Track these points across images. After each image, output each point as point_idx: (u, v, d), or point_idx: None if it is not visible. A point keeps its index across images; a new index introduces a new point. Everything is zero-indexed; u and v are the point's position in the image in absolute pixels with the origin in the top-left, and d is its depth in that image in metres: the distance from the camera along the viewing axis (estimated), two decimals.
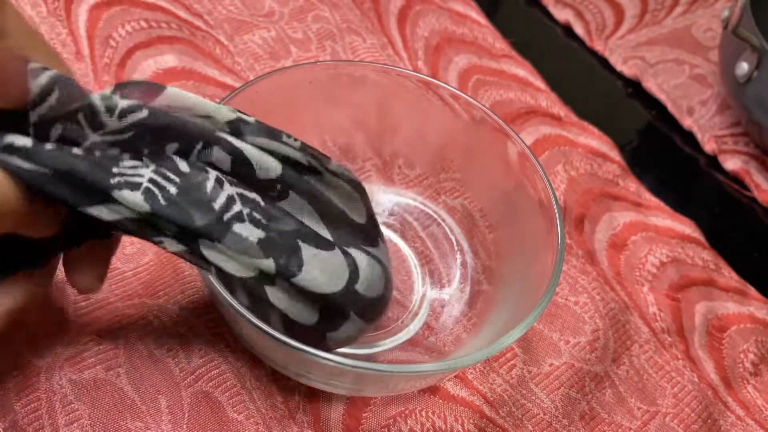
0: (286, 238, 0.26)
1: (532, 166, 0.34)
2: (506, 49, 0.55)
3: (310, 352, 0.26)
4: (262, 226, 0.25)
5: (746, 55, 0.47)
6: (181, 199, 0.24)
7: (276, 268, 0.25)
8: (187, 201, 0.24)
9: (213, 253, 0.25)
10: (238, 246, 0.25)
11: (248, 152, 0.26)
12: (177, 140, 0.25)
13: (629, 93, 0.56)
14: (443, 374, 0.32)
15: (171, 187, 0.24)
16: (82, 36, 0.46)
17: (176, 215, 0.24)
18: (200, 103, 0.25)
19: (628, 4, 0.62)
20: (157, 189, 0.24)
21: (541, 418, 0.35)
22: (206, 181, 0.25)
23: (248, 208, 0.25)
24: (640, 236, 0.44)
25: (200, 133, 0.25)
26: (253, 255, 0.25)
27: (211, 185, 0.25)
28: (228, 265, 0.25)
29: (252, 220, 0.25)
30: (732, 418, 0.37)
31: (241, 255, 0.25)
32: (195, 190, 0.24)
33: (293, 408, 0.33)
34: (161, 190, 0.24)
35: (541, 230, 0.33)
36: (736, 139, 0.52)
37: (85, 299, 0.34)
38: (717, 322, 0.41)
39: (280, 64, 0.48)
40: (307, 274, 0.26)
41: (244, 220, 0.25)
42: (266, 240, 0.25)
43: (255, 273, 0.26)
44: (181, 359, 0.33)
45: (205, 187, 0.25)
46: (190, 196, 0.24)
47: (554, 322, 0.38)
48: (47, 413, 0.30)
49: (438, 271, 0.39)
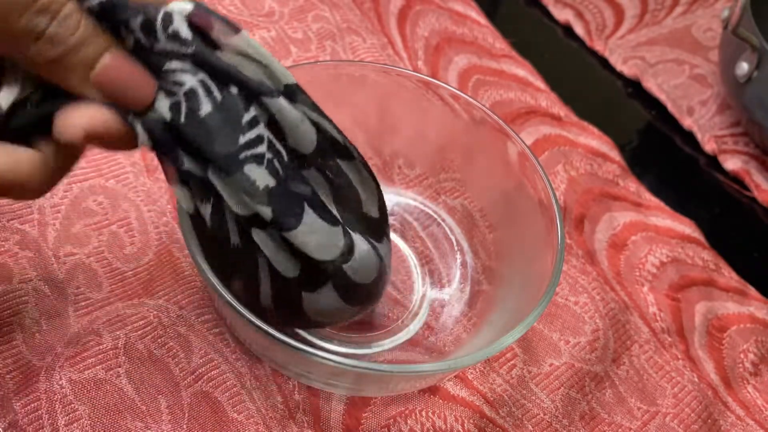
0: (293, 198, 0.26)
1: (532, 166, 0.34)
2: (506, 49, 0.55)
3: (310, 352, 0.26)
4: (276, 177, 0.26)
5: (746, 55, 0.47)
6: (210, 120, 0.24)
7: (272, 218, 0.26)
8: (215, 123, 0.24)
9: (220, 182, 0.25)
10: (247, 186, 0.25)
11: (293, 115, 0.26)
12: (233, 82, 0.25)
13: (629, 93, 0.56)
14: (443, 374, 0.32)
15: (206, 104, 0.24)
16: None
17: (194, 134, 0.24)
18: (268, 58, 0.25)
19: (628, 4, 0.62)
20: (187, 102, 0.24)
21: (541, 418, 0.35)
22: (243, 114, 0.25)
23: (271, 154, 0.26)
24: (640, 236, 0.44)
25: (257, 84, 0.25)
26: (257, 200, 0.25)
27: (246, 119, 0.25)
28: (230, 197, 0.25)
29: (270, 167, 0.25)
30: (732, 418, 0.37)
31: (245, 194, 0.25)
32: (228, 116, 0.24)
33: (293, 408, 0.33)
34: (193, 102, 0.24)
35: (541, 230, 0.33)
36: (736, 139, 0.52)
37: (85, 299, 0.34)
38: (717, 322, 0.41)
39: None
40: (301, 234, 0.26)
41: (262, 164, 0.25)
42: (275, 190, 0.25)
43: (250, 214, 0.26)
44: (181, 359, 0.33)
45: (240, 118, 0.25)
46: (221, 119, 0.24)
47: (554, 322, 0.38)
48: (47, 413, 0.30)
49: (438, 271, 0.39)
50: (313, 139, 0.27)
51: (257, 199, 0.25)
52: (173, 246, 0.37)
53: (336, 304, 0.29)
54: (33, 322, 0.33)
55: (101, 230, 0.37)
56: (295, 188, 0.26)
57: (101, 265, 0.35)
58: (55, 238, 0.36)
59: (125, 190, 0.39)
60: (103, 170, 0.39)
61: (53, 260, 0.35)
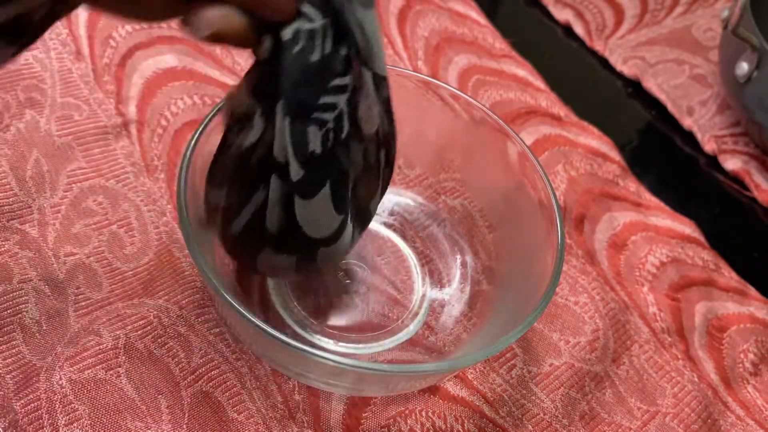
0: (324, 173, 0.27)
1: (532, 166, 0.34)
2: (506, 49, 0.55)
3: (310, 352, 0.26)
4: (323, 147, 0.26)
5: (746, 55, 0.47)
6: (310, 68, 0.25)
7: (298, 180, 0.26)
8: (311, 73, 0.25)
9: (281, 120, 0.25)
10: (297, 140, 0.25)
11: (372, 97, 0.27)
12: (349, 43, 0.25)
13: (629, 93, 0.56)
14: (443, 374, 0.32)
15: (317, 52, 0.25)
16: (82, 36, 0.46)
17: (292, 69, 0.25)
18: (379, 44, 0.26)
19: (628, 4, 0.62)
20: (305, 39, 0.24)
21: (541, 418, 0.35)
22: (336, 78, 0.25)
23: (333, 125, 0.26)
24: (640, 236, 0.44)
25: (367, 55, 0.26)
26: (298, 158, 0.26)
27: (335, 84, 0.26)
28: (278, 137, 0.26)
29: (325, 136, 0.26)
30: (732, 418, 0.37)
31: (291, 146, 0.26)
32: (324, 73, 0.25)
33: (293, 408, 0.33)
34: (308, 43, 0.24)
35: (541, 230, 0.33)
36: (736, 139, 0.52)
37: (86, 299, 0.34)
38: (717, 322, 0.41)
39: None
40: (307, 206, 0.27)
41: (321, 130, 0.26)
42: (316, 158, 0.26)
43: (282, 162, 0.26)
44: (181, 359, 0.33)
45: (331, 80, 0.25)
46: (317, 72, 0.25)
47: (554, 322, 0.38)
48: (47, 413, 0.30)
49: (438, 271, 0.39)
50: (376, 125, 0.28)
51: (298, 157, 0.26)
52: (173, 246, 0.37)
53: (286, 265, 0.30)
54: (33, 321, 0.33)
55: (101, 230, 0.37)
56: (330, 165, 0.27)
57: (101, 265, 0.35)
58: (56, 238, 0.36)
59: (125, 190, 0.39)
60: (103, 170, 0.39)
61: (53, 260, 0.35)
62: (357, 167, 0.29)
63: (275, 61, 0.25)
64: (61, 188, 0.38)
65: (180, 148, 0.41)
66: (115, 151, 0.40)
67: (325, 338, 0.35)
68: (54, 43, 0.45)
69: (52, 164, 0.39)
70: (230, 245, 0.30)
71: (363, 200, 0.31)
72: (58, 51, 0.44)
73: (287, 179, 0.26)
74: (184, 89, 0.44)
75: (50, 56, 0.44)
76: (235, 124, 0.27)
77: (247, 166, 0.27)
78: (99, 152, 0.40)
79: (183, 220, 0.28)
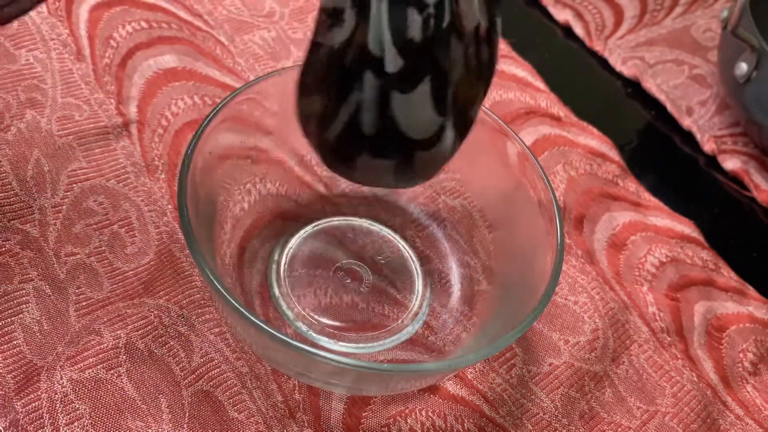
0: (424, 66, 0.25)
1: (531, 166, 0.34)
2: (506, 50, 0.55)
3: (310, 352, 0.26)
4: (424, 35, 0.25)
5: (745, 56, 0.47)
6: None
7: (394, 72, 0.25)
8: None
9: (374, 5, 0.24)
10: (395, 25, 0.24)
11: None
12: None
13: (629, 93, 0.56)
14: (443, 374, 0.32)
15: None
16: (83, 36, 0.46)
17: None
18: None
19: (628, 4, 0.62)
20: None
21: (540, 417, 0.35)
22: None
23: (433, 11, 0.24)
24: (640, 236, 0.44)
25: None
26: (396, 43, 0.24)
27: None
28: (373, 26, 0.24)
29: (426, 22, 0.24)
30: (731, 417, 0.37)
31: (388, 31, 0.24)
32: None
33: (293, 407, 0.33)
34: None
35: (540, 230, 0.33)
36: (736, 139, 0.53)
37: (86, 299, 0.34)
38: (716, 321, 0.41)
39: (280, 64, 0.48)
40: (405, 101, 0.25)
41: (421, 15, 0.24)
42: (414, 46, 0.25)
43: (379, 54, 0.25)
44: (182, 359, 0.33)
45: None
46: None
47: (554, 322, 0.39)
48: (48, 412, 0.30)
49: (438, 271, 0.39)
50: (477, 21, 0.26)
51: (397, 45, 0.24)
52: (174, 246, 0.37)
53: (385, 170, 0.29)
54: (34, 321, 0.33)
55: (102, 230, 0.37)
56: (431, 57, 0.25)
57: (102, 265, 0.35)
58: (56, 238, 0.36)
59: (126, 190, 0.39)
60: (103, 170, 0.39)
61: (54, 260, 0.35)
62: (458, 67, 0.27)
63: None
64: (62, 188, 0.38)
65: (180, 148, 0.41)
66: (115, 151, 0.40)
67: (325, 338, 0.35)
68: (55, 43, 0.45)
69: (53, 164, 0.39)
70: (327, 154, 0.29)
71: (464, 103, 0.29)
72: (59, 51, 0.45)
73: (384, 73, 0.25)
74: (185, 89, 0.44)
75: (51, 56, 0.44)
76: (324, 22, 0.26)
77: (339, 67, 0.26)
78: (100, 152, 0.40)
79: (184, 220, 0.28)
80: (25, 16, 0.44)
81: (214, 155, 0.33)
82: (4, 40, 0.44)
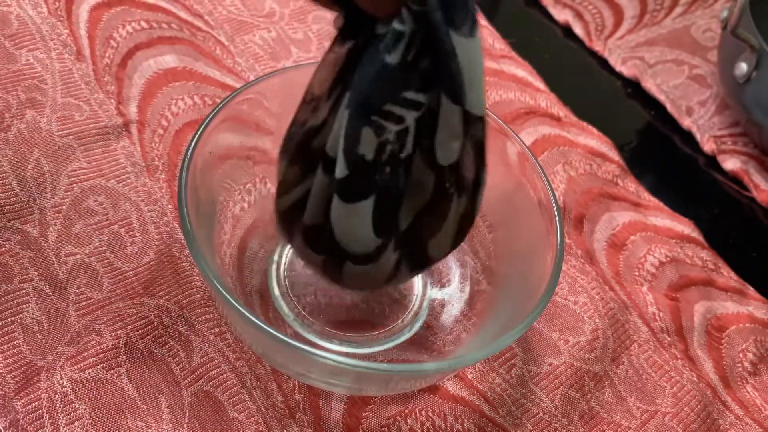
0: (370, 182, 0.25)
1: (531, 166, 0.34)
2: (506, 50, 0.55)
3: (310, 352, 0.26)
4: (377, 157, 0.24)
5: (745, 56, 0.47)
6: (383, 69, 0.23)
7: (341, 179, 0.25)
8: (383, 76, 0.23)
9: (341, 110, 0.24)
10: (351, 136, 0.24)
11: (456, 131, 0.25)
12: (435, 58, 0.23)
13: (628, 93, 0.56)
14: (443, 374, 0.32)
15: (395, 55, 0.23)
16: (83, 36, 0.46)
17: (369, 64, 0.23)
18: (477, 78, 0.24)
19: (628, 4, 0.62)
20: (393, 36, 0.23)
21: (540, 417, 0.35)
22: (408, 91, 0.24)
23: (394, 139, 0.24)
24: (640, 236, 0.44)
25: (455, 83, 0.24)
26: (346, 154, 0.24)
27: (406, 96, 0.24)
28: (337, 126, 0.25)
29: (381, 147, 0.24)
30: (731, 417, 0.37)
31: (344, 139, 0.24)
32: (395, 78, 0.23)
33: (293, 407, 0.33)
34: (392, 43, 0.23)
35: (540, 230, 0.33)
36: (735, 139, 0.53)
37: (86, 299, 0.34)
38: (716, 321, 0.41)
39: (280, 64, 0.48)
40: (344, 210, 0.26)
41: (378, 138, 0.24)
42: (364, 162, 0.24)
43: (332, 156, 0.25)
44: (182, 359, 0.33)
45: (403, 90, 0.24)
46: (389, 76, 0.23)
47: (554, 322, 0.39)
48: (48, 412, 0.30)
49: (438, 271, 0.39)
50: (453, 160, 0.26)
51: (346, 156, 0.24)
52: (174, 246, 0.37)
53: (314, 260, 0.29)
54: (34, 321, 0.33)
55: (102, 230, 0.37)
56: (380, 178, 0.25)
57: (102, 265, 0.35)
58: (56, 238, 0.36)
59: (126, 190, 0.39)
60: (104, 170, 0.39)
61: (54, 260, 0.35)
62: (419, 197, 0.27)
63: (358, 54, 0.24)
64: (62, 188, 0.38)
65: (180, 148, 0.41)
66: (115, 151, 0.40)
67: (325, 338, 0.35)
68: (55, 43, 0.45)
69: (53, 164, 0.39)
70: (276, 217, 0.30)
71: (421, 237, 0.28)
72: (59, 51, 0.45)
73: (332, 175, 0.25)
74: (185, 89, 0.44)
75: (51, 56, 0.44)
76: (307, 101, 0.26)
77: (305, 148, 0.26)
78: (100, 152, 0.40)
79: (184, 220, 0.28)
80: (26, 16, 0.44)
81: (214, 155, 0.33)
82: (4, 40, 0.44)
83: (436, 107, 0.24)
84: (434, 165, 0.26)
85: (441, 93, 0.24)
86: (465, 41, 0.23)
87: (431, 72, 0.24)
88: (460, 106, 0.24)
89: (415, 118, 0.24)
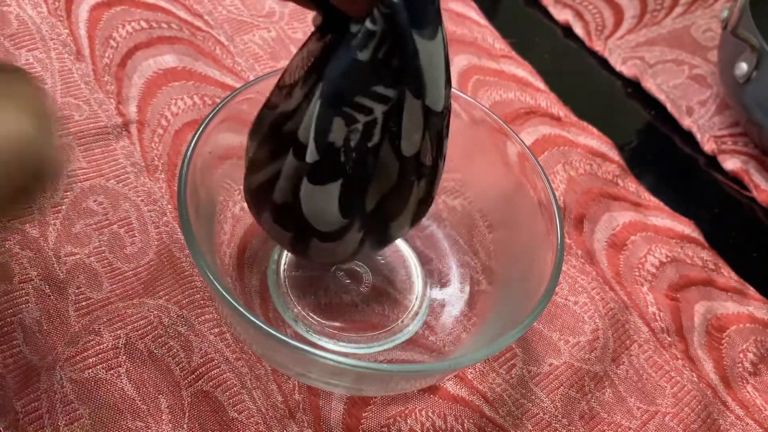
0: (338, 168, 0.27)
1: (531, 166, 0.34)
2: (506, 50, 0.55)
3: (310, 352, 0.26)
4: (345, 145, 0.26)
5: (745, 56, 0.47)
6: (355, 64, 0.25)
7: (310, 164, 0.27)
8: (356, 70, 0.25)
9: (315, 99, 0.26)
10: (322, 126, 0.26)
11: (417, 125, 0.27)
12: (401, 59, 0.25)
13: (629, 93, 0.56)
14: (443, 374, 0.32)
15: (365, 52, 0.25)
16: (83, 36, 0.46)
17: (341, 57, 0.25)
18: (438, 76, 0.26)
19: (628, 4, 0.62)
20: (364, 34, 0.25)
21: (540, 417, 0.35)
22: (378, 86, 0.26)
23: (362, 129, 0.26)
24: (640, 236, 0.44)
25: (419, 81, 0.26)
26: (316, 142, 0.26)
27: (376, 90, 0.26)
28: (309, 113, 0.26)
29: (350, 135, 0.26)
30: (731, 417, 0.37)
31: (314, 128, 0.26)
32: (368, 73, 0.25)
33: (293, 407, 0.33)
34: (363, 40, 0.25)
35: (540, 230, 0.33)
36: (736, 139, 0.53)
37: (86, 299, 0.34)
38: (716, 321, 0.41)
39: (280, 64, 0.48)
40: (312, 193, 0.27)
41: (347, 128, 0.26)
42: (334, 149, 0.26)
43: (303, 143, 0.27)
44: (182, 359, 0.33)
45: (373, 85, 0.25)
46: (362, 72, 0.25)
47: (554, 322, 0.39)
48: (48, 413, 0.30)
49: (438, 271, 0.39)
50: (415, 150, 0.28)
51: (316, 142, 0.26)
52: (173, 246, 0.37)
53: (281, 236, 0.31)
54: (34, 321, 0.33)
55: (102, 230, 0.37)
56: (348, 164, 0.27)
57: (102, 265, 0.35)
58: (56, 238, 0.36)
59: (126, 190, 0.39)
60: (103, 170, 0.39)
61: (54, 260, 0.35)
62: (385, 183, 0.28)
63: (333, 48, 0.26)
64: (61, 188, 0.38)
65: (180, 148, 0.41)
66: (115, 151, 0.40)
67: (325, 338, 0.35)
68: (54, 43, 0.45)
69: None
70: (246, 194, 0.31)
71: (384, 218, 0.30)
72: (59, 51, 0.45)
73: (303, 159, 0.27)
74: (184, 89, 0.44)
75: (50, 56, 0.44)
76: (281, 86, 0.28)
77: (277, 132, 0.28)
78: (99, 152, 0.40)
79: (183, 220, 0.28)
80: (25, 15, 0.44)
81: (214, 155, 0.33)
82: (4, 40, 0.44)
83: (403, 102, 0.26)
84: (399, 154, 0.28)
85: (405, 89, 0.26)
86: (427, 43, 0.25)
87: (399, 69, 0.25)
88: (421, 101, 0.26)
89: (383, 111, 0.26)
